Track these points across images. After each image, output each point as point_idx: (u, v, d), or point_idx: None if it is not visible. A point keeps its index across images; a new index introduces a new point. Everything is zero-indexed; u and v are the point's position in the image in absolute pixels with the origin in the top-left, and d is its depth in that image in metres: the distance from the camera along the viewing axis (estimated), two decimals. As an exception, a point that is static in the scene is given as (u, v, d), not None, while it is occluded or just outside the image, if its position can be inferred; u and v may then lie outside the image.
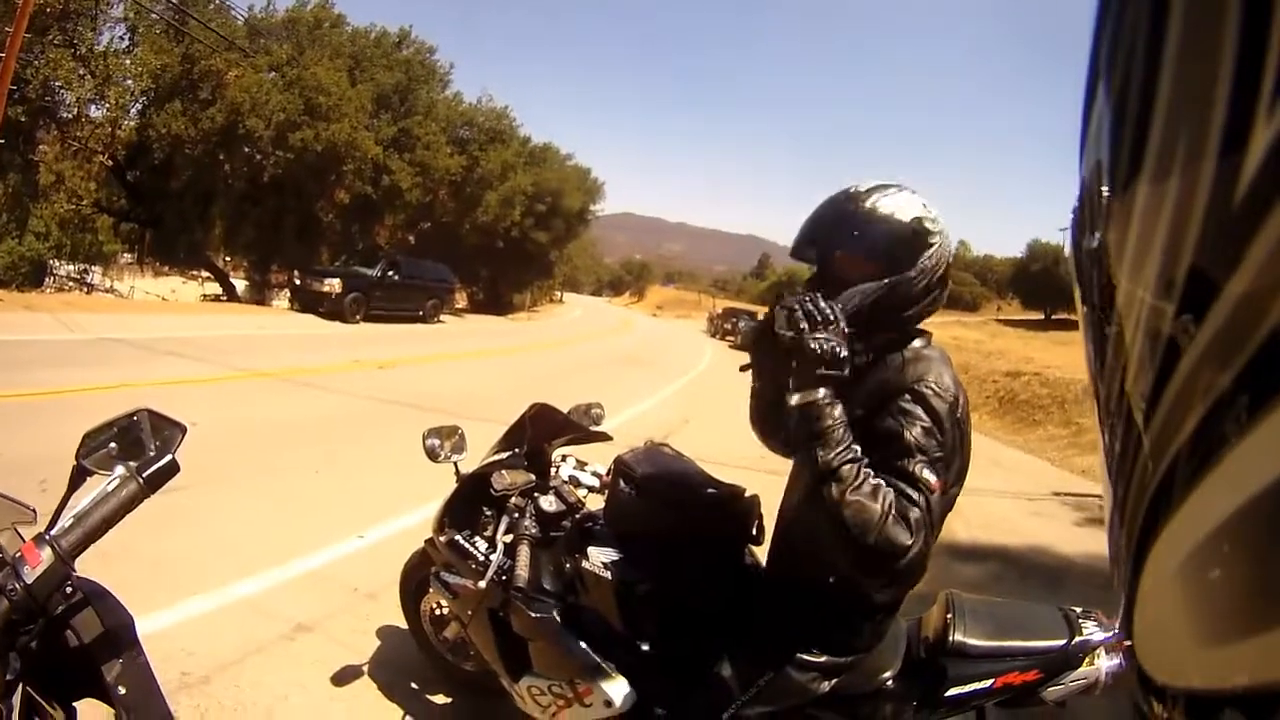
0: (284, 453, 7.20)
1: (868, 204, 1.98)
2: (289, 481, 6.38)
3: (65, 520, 1.29)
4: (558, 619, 2.64)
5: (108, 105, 22.74)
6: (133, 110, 24.44)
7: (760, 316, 2.30)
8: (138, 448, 1.39)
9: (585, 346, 26.67)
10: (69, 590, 1.32)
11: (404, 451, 3.95)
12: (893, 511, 1.71)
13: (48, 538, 1.26)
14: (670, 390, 16.11)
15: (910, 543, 1.70)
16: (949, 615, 2.30)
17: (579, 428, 3.23)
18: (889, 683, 2.25)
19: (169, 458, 1.38)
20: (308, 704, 3.43)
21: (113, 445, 1.39)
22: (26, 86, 19.91)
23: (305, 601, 4.29)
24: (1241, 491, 0.34)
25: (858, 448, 1.81)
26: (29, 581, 1.20)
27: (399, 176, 28.41)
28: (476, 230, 34.20)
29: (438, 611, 3.58)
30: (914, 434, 1.82)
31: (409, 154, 29.51)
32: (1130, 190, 0.42)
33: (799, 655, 2.16)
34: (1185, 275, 0.36)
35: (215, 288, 29.01)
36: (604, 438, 3.27)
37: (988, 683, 2.22)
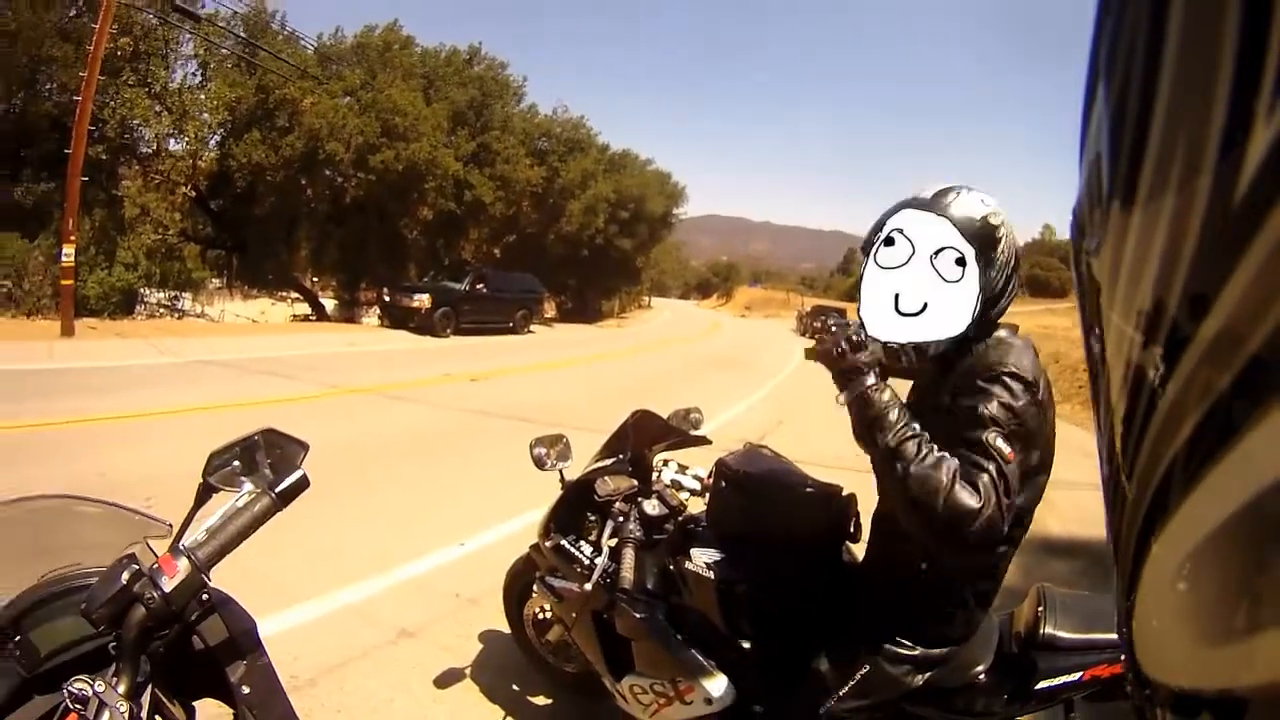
0: (381, 466, 7.33)
1: (947, 208, 1.96)
2: (388, 494, 6.53)
3: (199, 534, 1.36)
4: (661, 619, 2.67)
5: (187, 139, 23.41)
6: (211, 142, 25.13)
7: (849, 313, 2.32)
8: (261, 465, 1.46)
9: (675, 351, 26.67)
10: (203, 598, 1.38)
11: (499, 462, 4.05)
12: (958, 478, 1.74)
13: (184, 549, 1.32)
14: (763, 392, 16.00)
15: (979, 505, 1.71)
16: (1040, 608, 2.31)
17: (679, 432, 3.25)
18: (981, 676, 2.24)
19: (300, 473, 1.44)
20: (411, 706, 3.52)
21: (236, 464, 1.46)
22: (105, 126, 20.58)
23: (408, 608, 4.39)
24: (1238, 495, 0.34)
25: (916, 425, 1.86)
26: (167, 590, 1.26)
27: (480, 191, 28.77)
28: (561, 240, 34.54)
29: (541, 615, 3.64)
30: (989, 408, 1.83)
31: (489, 168, 29.84)
32: (1130, 190, 0.42)
33: (893, 649, 2.17)
34: (1185, 275, 0.36)
35: (304, 308, 29.67)
36: (703, 441, 3.28)
37: (1077, 675, 2.21)
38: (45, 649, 1.36)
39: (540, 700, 3.66)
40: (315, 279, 31.46)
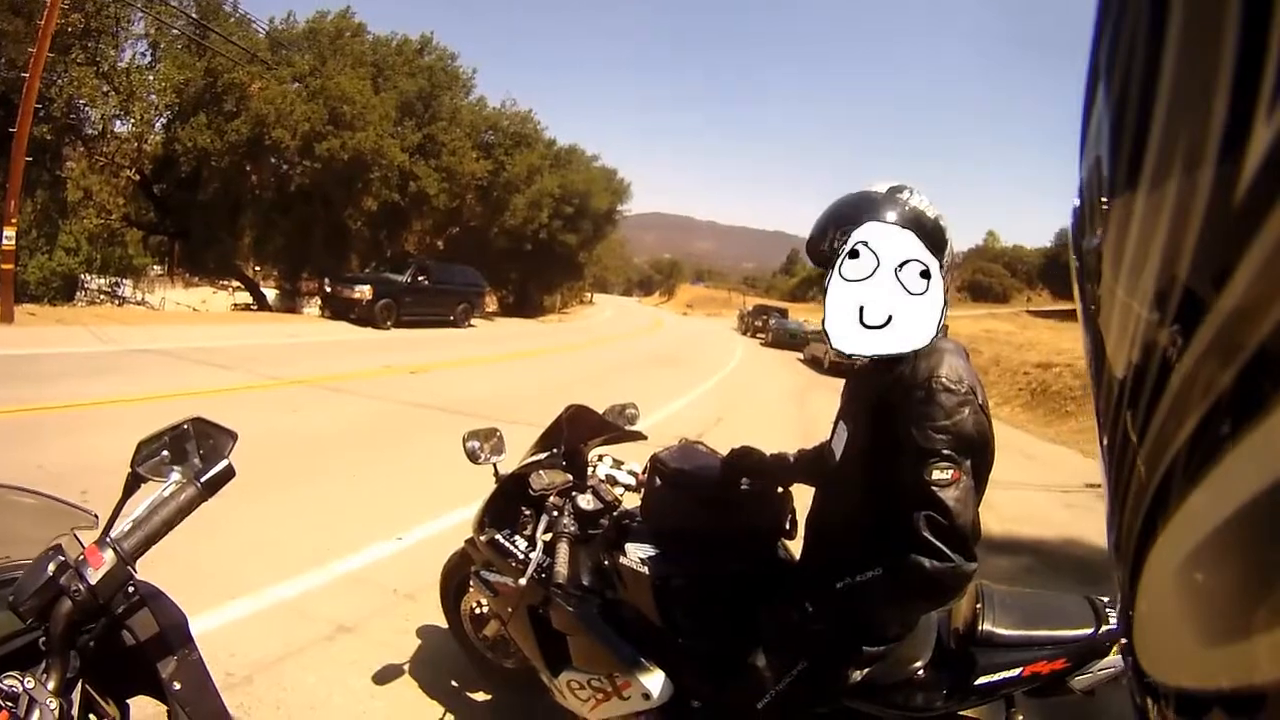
0: (319, 458, 7.27)
1: (906, 202, 2.01)
2: (325, 486, 6.45)
3: (125, 524, 1.34)
4: (596, 614, 2.68)
5: (133, 120, 22.95)
6: (158, 124, 24.70)
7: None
8: (190, 455, 1.45)
9: (617, 347, 26.68)
10: (130, 590, 1.37)
11: (437, 455, 4.02)
12: (927, 563, 1.84)
13: (109, 541, 1.30)
14: (702, 389, 16.11)
15: (954, 559, 1.82)
16: (978, 605, 2.33)
17: (615, 427, 3.26)
18: (920, 672, 2.27)
19: (225, 463, 1.43)
20: (350, 703, 3.48)
21: (165, 453, 1.44)
22: (51, 105, 20.06)
23: (345, 603, 4.35)
24: (1240, 493, 0.34)
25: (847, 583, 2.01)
26: (92, 582, 1.24)
27: (425, 182, 28.54)
28: (505, 234, 34.33)
29: (478, 610, 3.63)
30: (926, 438, 1.88)
31: (435, 160, 29.62)
32: (1130, 190, 0.42)
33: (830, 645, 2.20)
34: (1185, 275, 0.37)
35: (246, 297, 29.19)
36: (639, 437, 3.30)
37: (1016, 671, 2.25)
38: None
39: (479, 696, 3.66)
40: (257, 268, 31.03)
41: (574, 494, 2.91)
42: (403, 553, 5.20)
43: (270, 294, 29.21)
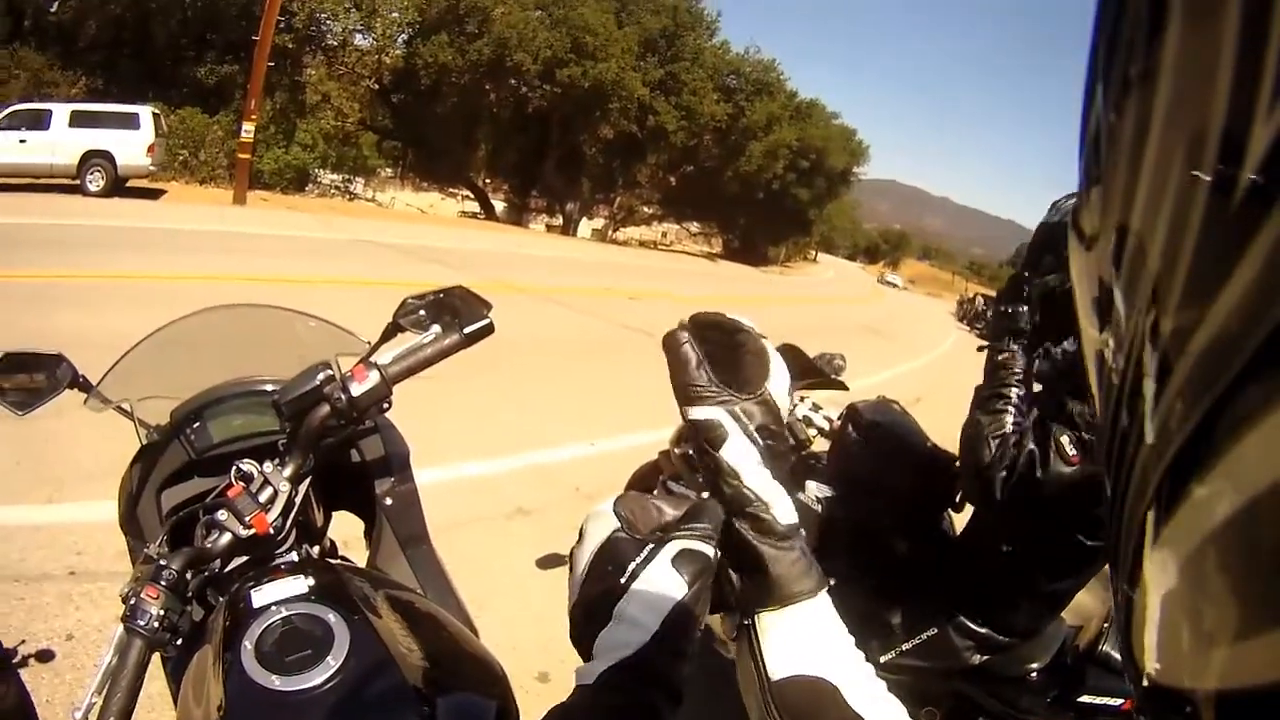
0: (532, 360, 7.62)
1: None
2: (532, 387, 6.78)
3: (388, 355, 1.42)
4: None
5: (374, 35, 24.29)
6: (399, 40, 25.87)
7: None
8: (448, 316, 1.50)
9: (831, 309, 26.31)
10: (384, 406, 1.44)
11: (644, 375, 4.09)
12: (987, 436, 2.05)
13: (374, 363, 1.38)
14: (907, 367, 15.68)
15: (988, 461, 2.01)
16: (1106, 625, 2.36)
17: (821, 373, 3.22)
18: (1033, 674, 2.31)
19: (488, 320, 1.48)
20: (511, 576, 3.75)
21: (423, 312, 1.53)
22: (294, 18, 21.64)
23: (529, 491, 4.62)
24: (1242, 492, 0.32)
25: (1011, 392, 2.15)
26: (354, 395, 1.33)
27: (664, 118, 28.82)
28: (738, 179, 34.23)
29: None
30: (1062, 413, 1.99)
31: (675, 98, 29.80)
32: (1129, 191, 0.39)
33: (964, 622, 2.25)
34: (1184, 275, 0.34)
35: (474, 206, 30.48)
36: (841, 386, 3.27)
37: (1118, 701, 2.26)
38: (219, 437, 1.53)
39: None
40: (488, 180, 32.19)
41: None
42: (592, 457, 5.44)
43: (499, 206, 30.32)
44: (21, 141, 15.97)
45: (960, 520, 2.60)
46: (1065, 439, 1.93)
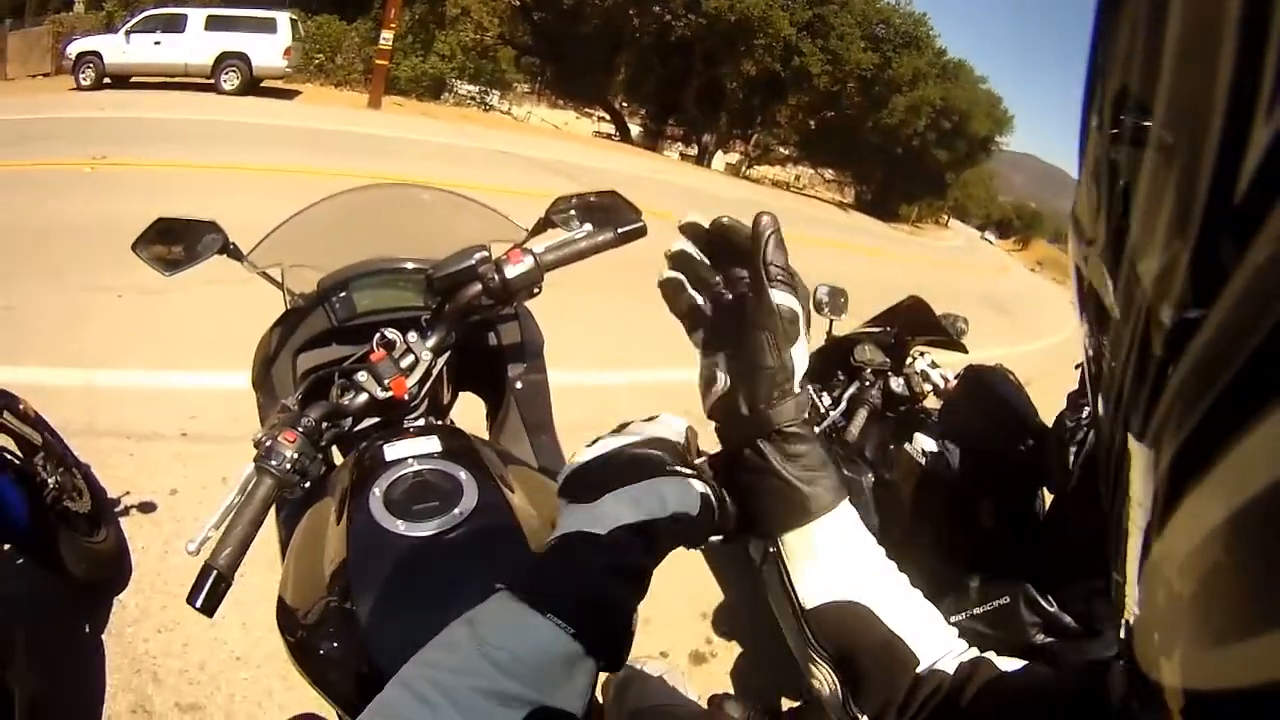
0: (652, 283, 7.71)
1: None
2: (659, 309, 6.91)
3: (541, 245, 1.47)
4: (865, 485, 2.84)
5: None
6: None
7: None
8: (599, 219, 1.55)
9: (956, 277, 25.63)
10: (535, 291, 1.47)
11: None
12: None
13: (530, 249, 1.43)
14: (1024, 349, 15.26)
15: None
16: None
17: (944, 331, 3.31)
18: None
19: (641, 223, 1.51)
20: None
21: (574, 211, 1.57)
22: None
23: (642, 403, 4.73)
24: (1243, 491, 0.35)
25: None
26: (509, 276, 1.39)
27: (809, 60, 28.35)
28: (879, 131, 33.45)
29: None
30: None
31: (821, 41, 29.28)
32: (1129, 191, 0.41)
33: (1037, 597, 2.26)
34: (1185, 275, 0.37)
35: (609, 128, 30.44)
36: (961, 349, 3.34)
37: None
38: (361, 308, 1.59)
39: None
40: (625, 104, 32.06)
41: (889, 374, 3.02)
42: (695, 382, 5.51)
43: (634, 130, 30.17)
44: (156, 44, 16.56)
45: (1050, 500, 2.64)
46: None
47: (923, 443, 2.80)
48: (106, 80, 16.07)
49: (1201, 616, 0.36)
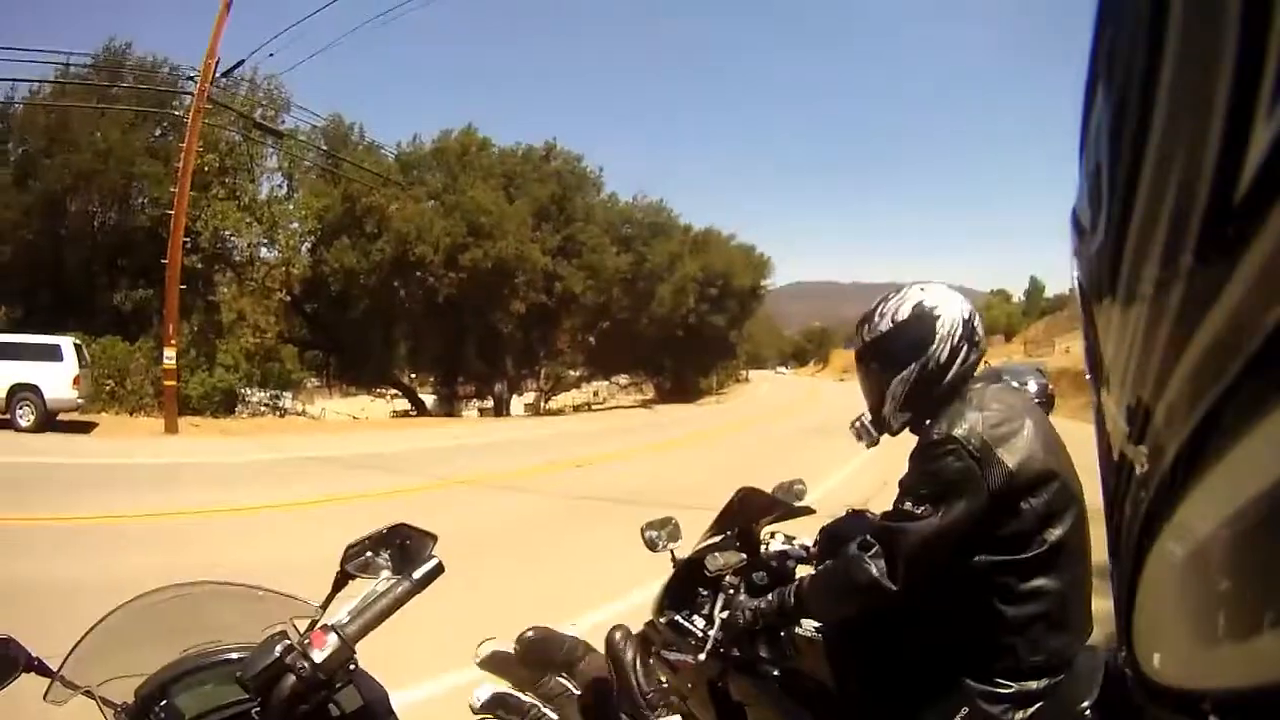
0: (489, 553, 7.47)
1: (875, 326, 2.28)
2: (499, 578, 6.67)
3: (342, 614, 1.46)
4: (774, 683, 2.72)
5: (278, 247, 24.85)
6: (303, 249, 26.52)
7: None
8: (394, 555, 1.57)
9: (775, 424, 26.46)
10: (350, 668, 1.48)
11: (607, 544, 4.11)
12: (855, 557, 2.12)
13: (331, 626, 1.43)
14: (863, 456, 15.73)
15: (875, 575, 2.07)
16: None
17: (784, 505, 3.28)
18: (1086, 713, 2.16)
19: (435, 561, 1.56)
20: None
21: (369, 554, 1.57)
22: (199, 237, 21.96)
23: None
24: (1241, 494, 0.34)
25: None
26: (318, 661, 1.37)
27: (570, 281, 29.44)
28: (654, 323, 34.85)
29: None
30: (906, 481, 2.12)
31: (576, 259, 30.55)
32: (1130, 192, 0.41)
33: (989, 689, 2.14)
34: (1185, 275, 0.36)
35: (404, 404, 30.48)
36: (808, 512, 3.31)
37: None
38: (189, 714, 1.49)
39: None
40: (413, 375, 32.45)
41: (749, 572, 2.96)
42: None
43: (428, 399, 30.35)
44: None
45: None
46: (906, 504, 2.06)
47: (811, 620, 2.70)
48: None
49: (1203, 616, 0.34)
